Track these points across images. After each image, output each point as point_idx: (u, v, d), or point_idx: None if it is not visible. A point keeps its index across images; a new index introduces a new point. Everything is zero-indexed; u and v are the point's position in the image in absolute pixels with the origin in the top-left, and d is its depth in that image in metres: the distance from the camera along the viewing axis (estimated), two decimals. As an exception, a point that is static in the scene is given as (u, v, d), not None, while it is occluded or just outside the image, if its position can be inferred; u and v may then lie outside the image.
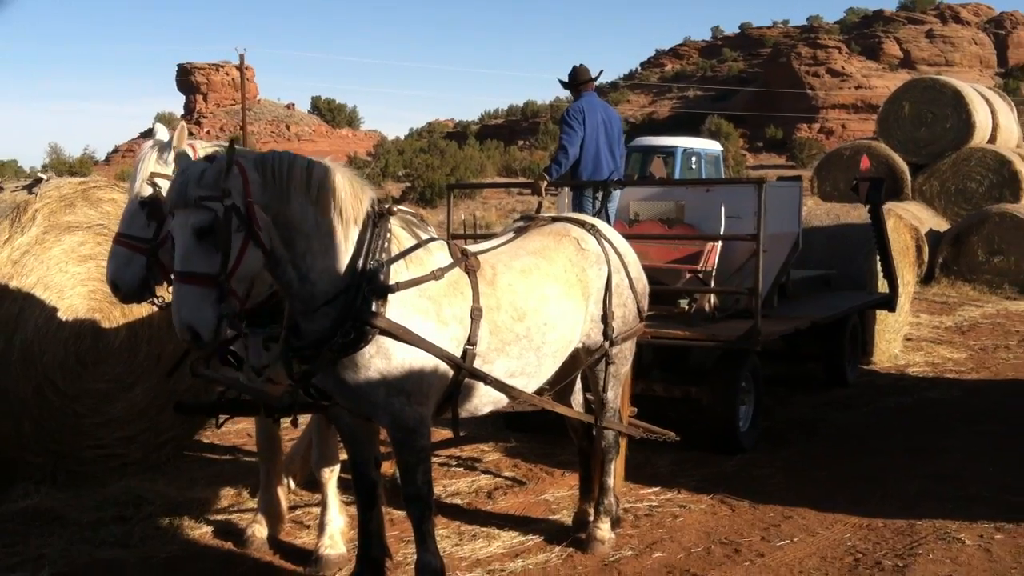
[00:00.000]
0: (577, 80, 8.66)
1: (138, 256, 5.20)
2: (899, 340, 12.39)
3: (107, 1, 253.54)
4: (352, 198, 4.53)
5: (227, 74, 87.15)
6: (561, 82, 8.81)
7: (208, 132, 78.29)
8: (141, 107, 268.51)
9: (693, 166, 16.97)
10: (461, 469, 7.56)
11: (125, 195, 7.32)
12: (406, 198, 41.70)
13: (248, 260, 4.19)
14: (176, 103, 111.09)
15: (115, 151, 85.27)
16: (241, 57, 48.07)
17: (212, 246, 4.09)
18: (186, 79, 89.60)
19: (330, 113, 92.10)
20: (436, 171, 46.26)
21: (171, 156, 5.24)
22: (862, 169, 11.65)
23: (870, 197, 10.87)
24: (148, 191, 5.22)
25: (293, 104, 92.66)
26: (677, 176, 15.93)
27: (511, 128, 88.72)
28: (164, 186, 5.21)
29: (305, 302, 4.46)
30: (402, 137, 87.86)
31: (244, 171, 4.25)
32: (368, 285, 4.47)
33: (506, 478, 7.34)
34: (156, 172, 5.25)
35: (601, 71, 8.88)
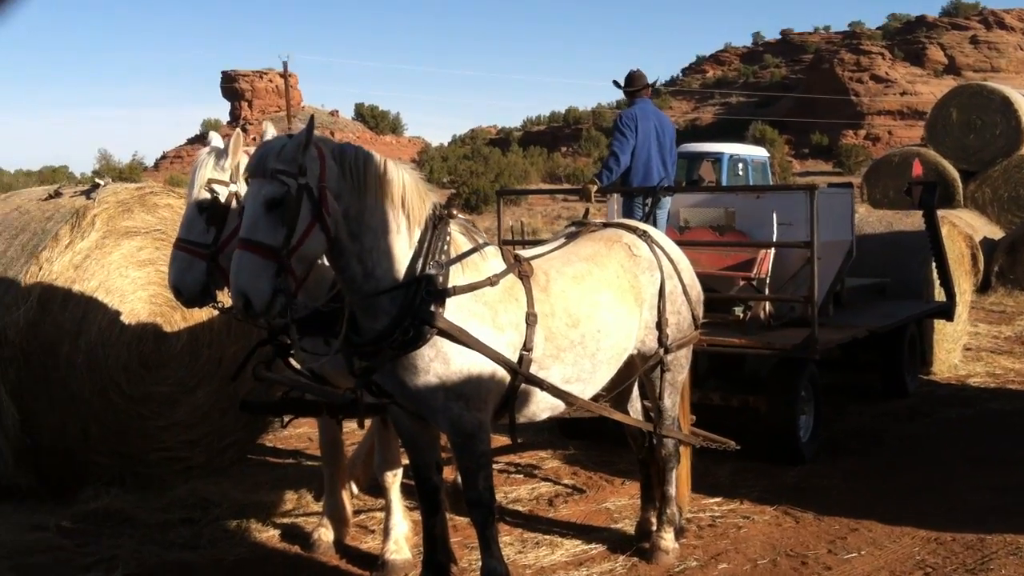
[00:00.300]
0: (633, 85, 8.61)
1: (198, 261, 5.27)
2: (958, 350, 12.20)
3: (153, 8, 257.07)
4: (419, 199, 4.60)
5: (271, 81, 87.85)
6: (616, 83, 8.75)
7: (253, 139, 78.92)
8: (188, 114, 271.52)
9: (740, 172, 16.88)
10: (521, 476, 7.56)
11: (181, 201, 7.46)
12: (452, 205, 41.89)
13: (311, 241, 4.26)
14: (221, 110, 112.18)
15: (163, 157, 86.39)
16: (285, 64, 48.77)
17: (279, 219, 4.17)
18: (231, 86, 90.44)
19: (374, 120, 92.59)
20: (480, 178, 46.41)
21: (227, 163, 5.32)
22: (914, 175, 11.49)
23: (924, 201, 10.73)
24: (206, 197, 5.29)
25: (337, 111, 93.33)
26: (724, 183, 15.85)
27: (554, 134, 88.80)
28: (221, 192, 5.30)
29: (367, 298, 4.49)
30: (445, 144, 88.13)
31: (323, 157, 4.34)
32: (427, 286, 4.50)
33: (566, 486, 7.33)
34: (213, 178, 5.31)
35: (657, 79, 8.83)
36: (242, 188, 5.03)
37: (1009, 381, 11.24)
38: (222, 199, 5.31)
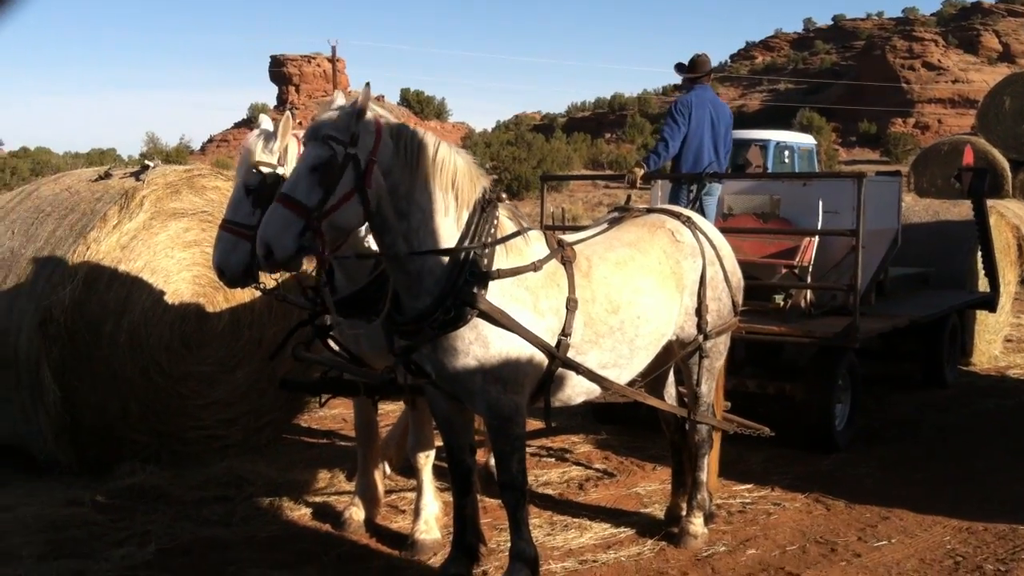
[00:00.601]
0: (695, 71, 8.52)
1: (243, 242, 5.31)
2: (999, 341, 12.05)
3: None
4: (469, 182, 4.65)
5: (319, 66, 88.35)
6: (678, 67, 8.68)
7: (300, 123, 79.40)
8: (235, 98, 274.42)
9: (786, 160, 16.72)
10: (552, 460, 7.60)
11: (228, 183, 7.55)
12: (499, 189, 41.95)
13: (347, 210, 4.35)
14: (269, 94, 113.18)
15: (210, 140, 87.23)
16: (333, 49, 49.05)
17: (319, 182, 4.28)
18: (279, 70, 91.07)
19: (419, 105, 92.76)
20: (523, 163, 46.34)
21: (276, 145, 5.37)
22: (965, 162, 11.32)
23: (973, 187, 10.58)
24: (253, 178, 5.35)
25: (383, 96, 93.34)
26: (770, 170, 15.72)
27: (598, 121, 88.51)
28: (268, 174, 5.35)
29: (411, 277, 4.55)
30: (489, 129, 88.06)
31: (380, 133, 4.42)
32: (471, 268, 4.55)
33: (597, 470, 7.36)
34: (261, 160, 5.36)
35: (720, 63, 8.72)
36: (289, 170, 5.10)
37: (1050, 373, 11.09)
38: (269, 181, 5.38)
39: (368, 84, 4.48)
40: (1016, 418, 9.00)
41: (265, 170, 5.32)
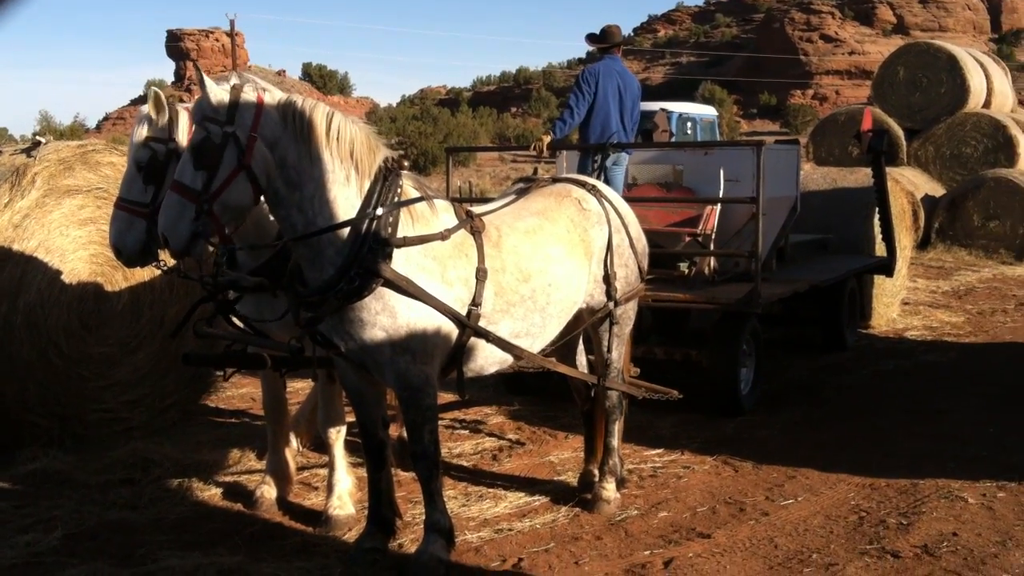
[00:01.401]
0: (605, 41, 8.53)
1: (139, 220, 5.23)
2: (896, 304, 12.43)
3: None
4: (368, 151, 4.63)
5: (217, 40, 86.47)
6: (589, 37, 8.67)
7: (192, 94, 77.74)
8: (131, 74, 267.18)
9: (688, 131, 16.89)
10: (465, 432, 7.61)
11: (124, 159, 7.31)
12: (403, 158, 41.73)
13: (235, 189, 4.36)
14: (166, 70, 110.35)
15: (106, 118, 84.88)
16: (231, 23, 47.87)
17: (201, 165, 4.32)
18: (176, 45, 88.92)
19: (321, 80, 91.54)
20: (429, 138, 46.12)
21: (163, 119, 5.25)
22: (864, 126, 11.57)
23: (872, 145, 10.83)
24: (144, 155, 5.23)
25: (284, 71, 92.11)
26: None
27: (504, 95, 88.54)
28: (159, 150, 5.23)
29: (312, 248, 4.52)
30: (394, 104, 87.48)
31: (261, 107, 4.40)
32: (375, 236, 4.51)
33: (510, 440, 7.39)
34: (150, 136, 5.24)
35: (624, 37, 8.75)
36: (183, 144, 5.01)
37: (945, 334, 11.50)
38: (160, 157, 5.25)
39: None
40: (914, 378, 9.30)
41: (155, 146, 5.21)
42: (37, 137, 7.62)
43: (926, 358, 10.16)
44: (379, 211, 4.56)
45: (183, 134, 5.16)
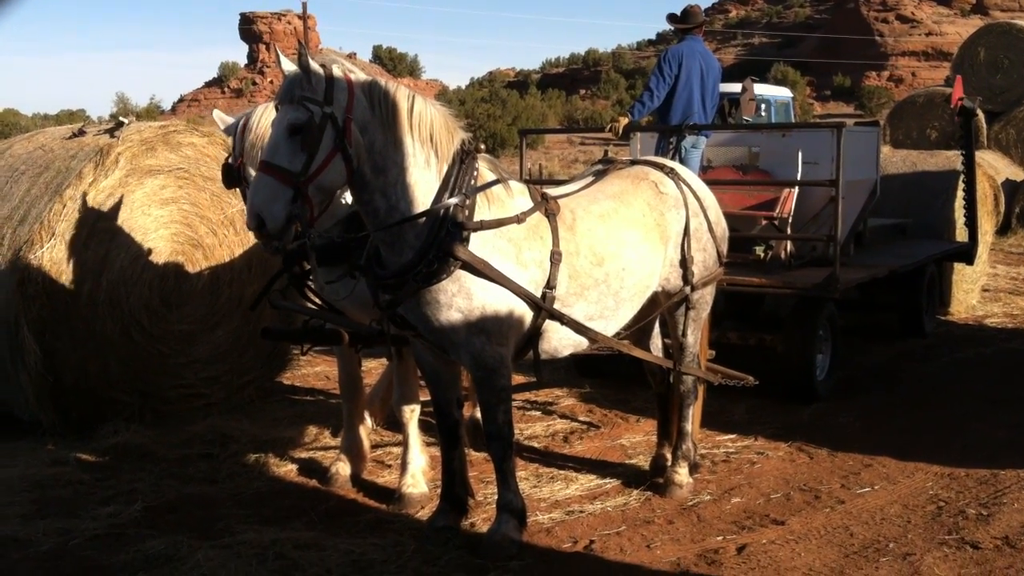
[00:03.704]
0: (687, 22, 8.41)
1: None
2: (976, 291, 12.14)
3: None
4: (447, 134, 4.63)
5: (289, 23, 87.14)
6: (670, 17, 8.58)
7: (271, 82, 78.73)
8: (205, 56, 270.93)
9: (763, 113, 16.67)
10: (537, 413, 7.62)
11: (204, 139, 7.50)
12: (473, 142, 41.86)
13: (331, 170, 4.33)
14: (239, 53, 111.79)
15: (180, 100, 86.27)
16: (304, 5, 47.94)
17: (300, 145, 4.24)
18: (249, 28, 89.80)
19: (391, 62, 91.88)
20: (498, 121, 46.05)
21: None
22: (955, 96, 11.20)
23: (964, 107, 10.54)
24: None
25: (355, 53, 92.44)
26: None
27: (572, 77, 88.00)
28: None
29: (391, 233, 4.55)
30: (463, 87, 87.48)
31: (352, 89, 4.39)
32: (453, 219, 4.52)
33: (582, 423, 7.39)
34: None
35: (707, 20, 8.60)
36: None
37: (1027, 322, 11.20)
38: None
39: (301, 43, 4.43)
40: (994, 366, 9.09)
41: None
42: (120, 118, 7.77)
43: (1007, 346, 9.93)
44: (455, 199, 4.56)
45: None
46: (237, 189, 5.62)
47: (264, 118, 5.29)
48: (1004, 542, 4.97)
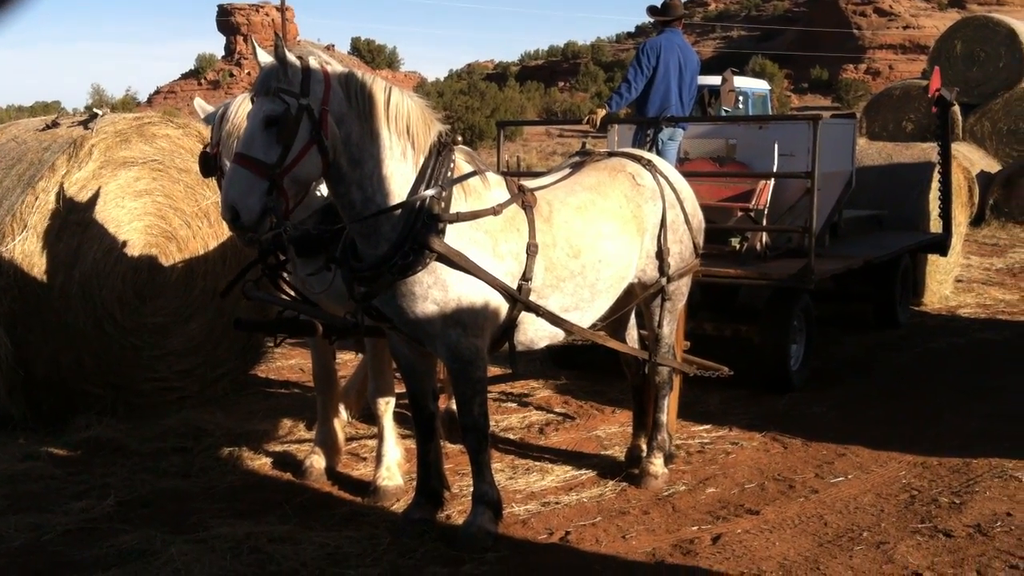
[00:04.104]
0: (667, 15, 8.41)
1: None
2: (950, 281, 12.23)
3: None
4: (423, 126, 4.62)
5: (267, 14, 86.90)
6: (650, 9, 8.56)
7: (249, 73, 78.34)
8: (182, 48, 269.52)
9: (740, 105, 16.73)
10: (513, 405, 7.63)
11: (179, 131, 7.44)
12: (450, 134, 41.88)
13: (307, 162, 4.31)
14: (216, 44, 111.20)
15: (157, 92, 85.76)
16: (281, -2, 47.71)
17: (276, 137, 4.22)
18: (226, 20, 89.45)
19: (370, 54, 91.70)
20: (476, 113, 46.03)
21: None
22: (932, 87, 11.27)
23: (941, 96, 10.60)
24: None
25: (333, 45, 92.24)
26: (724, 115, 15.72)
27: (551, 69, 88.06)
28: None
29: (367, 224, 4.53)
30: (441, 79, 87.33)
31: (329, 81, 4.36)
32: (428, 211, 4.51)
33: (557, 414, 7.39)
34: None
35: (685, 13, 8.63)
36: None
37: (999, 312, 11.30)
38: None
39: (278, 35, 4.40)
40: (967, 356, 9.16)
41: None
42: (94, 109, 7.71)
43: (980, 336, 10.00)
44: (431, 191, 4.55)
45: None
46: (214, 179, 5.60)
47: (242, 108, 5.27)
48: (976, 530, 5.01)
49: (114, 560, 4.67)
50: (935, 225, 11.13)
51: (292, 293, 5.66)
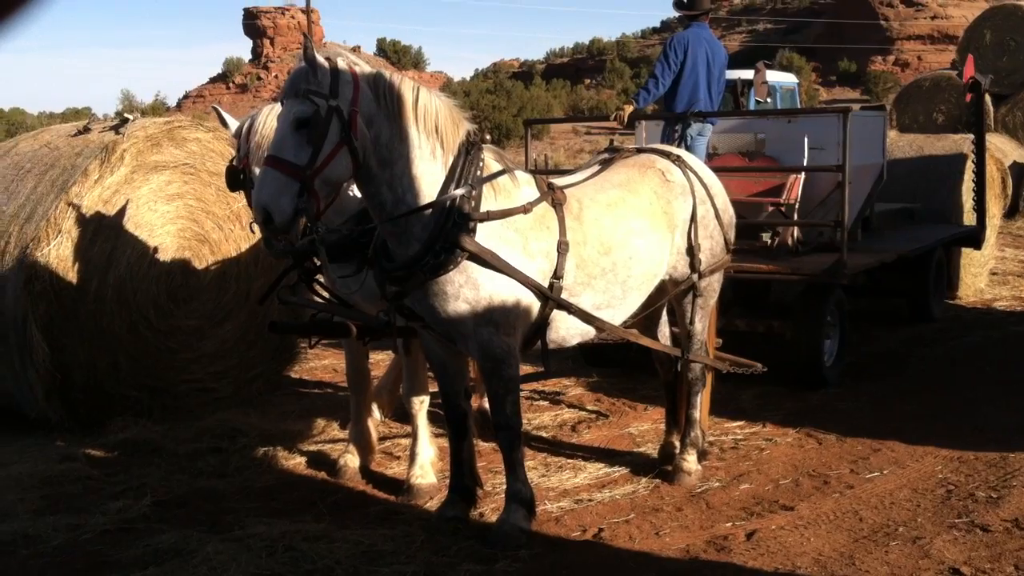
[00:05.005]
0: (694, 8, 8.36)
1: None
2: (985, 274, 12.11)
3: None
4: (452, 125, 4.62)
5: (293, 17, 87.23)
6: (676, 3, 8.53)
7: (276, 76, 78.76)
8: (209, 52, 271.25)
9: (769, 99, 16.64)
10: (545, 403, 7.63)
11: (209, 135, 7.49)
12: (484, 131, 41.94)
13: (337, 163, 4.32)
14: (243, 48, 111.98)
15: (186, 96, 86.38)
16: (307, 0, 47.92)
17: (306, 139, 4.23)
18: (252, 23, 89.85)
19: (396, 55, 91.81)
20: (503, 112, 45.96)
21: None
22: (966, 75, 11.17)
23: (974, 82, 10.50)
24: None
25: (359, 47, 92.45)
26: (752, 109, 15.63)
27: (577, 67, 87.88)
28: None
29: (399, 225, 4.55)
30: (468, 78, 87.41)
31: (358, 81, 4.38)
32: (459, 211, 4.52)
33: (589, 412, 7.39)
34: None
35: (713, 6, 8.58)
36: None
37: (1036, 305, 11.16)
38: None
39: (305, 36, 4.40)
40: (1003, 350, 9.07)
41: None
42: (125, 115, 7.78)
43: (1016, 329, 9.90)
44: (461, 191, 4.56)
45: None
46: (241, 192, 5.62)
47: (269, 120, 5.29)
48: (1014, 524, 4.96)
49: (151, 559, 4.71)
50: (968, 218, 11.02)
51: (326, 295, 5.69)
